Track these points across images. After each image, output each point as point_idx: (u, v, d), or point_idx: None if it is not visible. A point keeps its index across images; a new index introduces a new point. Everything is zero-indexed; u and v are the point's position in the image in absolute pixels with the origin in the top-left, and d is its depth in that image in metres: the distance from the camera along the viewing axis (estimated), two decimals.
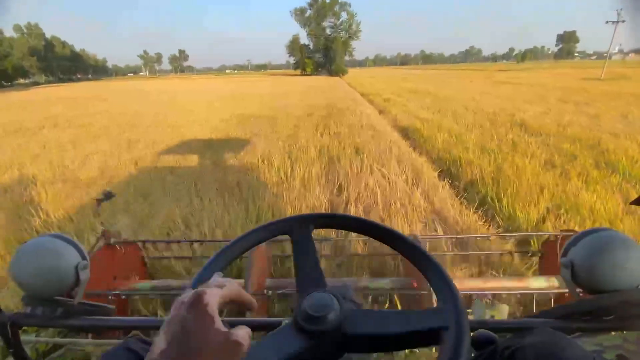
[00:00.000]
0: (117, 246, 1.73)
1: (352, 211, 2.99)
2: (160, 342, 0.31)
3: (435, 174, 4.11)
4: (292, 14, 62.98)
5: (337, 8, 61.77)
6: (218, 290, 0.36)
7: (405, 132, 6.71)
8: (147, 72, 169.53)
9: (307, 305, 0.42)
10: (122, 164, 4.89)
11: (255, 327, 0.57)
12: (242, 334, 0.34)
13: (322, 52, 60.60)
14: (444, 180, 3.88)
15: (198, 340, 0.31)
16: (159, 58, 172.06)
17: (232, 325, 0.35)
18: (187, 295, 0.35)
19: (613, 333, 0.61)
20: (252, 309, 0.41)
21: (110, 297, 1.57)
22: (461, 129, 6.80)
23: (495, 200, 3.23)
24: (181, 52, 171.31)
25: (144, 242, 2.01)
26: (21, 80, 74.78)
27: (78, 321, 0.71)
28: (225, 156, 5.01)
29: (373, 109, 10.52)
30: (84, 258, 0.71)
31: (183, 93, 20.40)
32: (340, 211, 2.99)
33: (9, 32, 73.19)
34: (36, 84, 69.83)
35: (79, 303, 0.71)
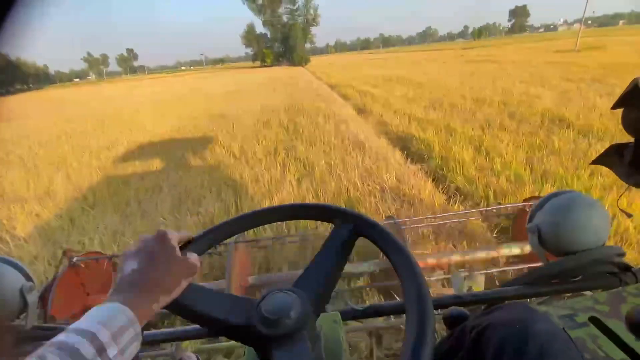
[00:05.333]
0: (81, 263, 1.68)
1: None
2: (130, 264, 0.38)
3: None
4: (244, 1, 58.63)
5: None
6: (176, 232, 0.44)
7: (408, 148, 4.52)
8: (94, 76, 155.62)
9: (265, 306, 0.41)
10: None
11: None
12: (195, 259, 0.43)
13: (281, 41, 57.25)
14: None
15: (165, 261, 0.40)
16: (104, 59, 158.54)
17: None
18: (152, 234, 0.42)
19: (585, 294, 0.58)
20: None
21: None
22: (481, 133, 4.75)
23: None
24: (129, 51, 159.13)
25: (110, 256, 1.85)
26: None
27: (32, 347, 0.51)
28: None
29: (349, 106, 8.27)
30: (29, 279, 0.68)
31: (111, 101, 16.98)
32: None
33: None
34: None
35: (32, 328, 0.67)
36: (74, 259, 1.68)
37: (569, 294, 0.62)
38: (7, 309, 0.65)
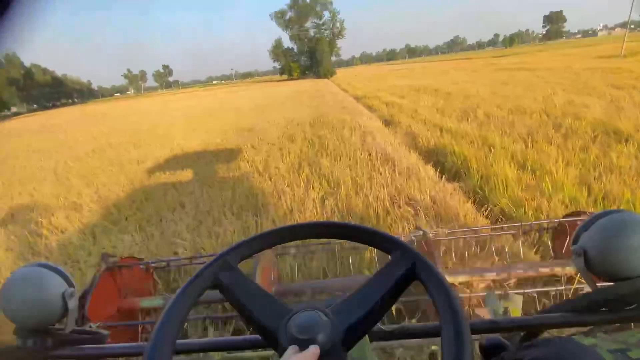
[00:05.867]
0: (116, 267, 1.74)
1: None
2: None
3: None
4: (272, 17, 60.56)
5: (318, 8, 59.53)
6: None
7: (442, 163, 4.19)
8: (133, 91, 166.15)
9: (293, 329, 0.41)
10: None
11: (243, 346, 0.61)
12: None
13: (307, 54, 58.33)
14: None
15: None
16: (142, 75, 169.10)
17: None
18: None
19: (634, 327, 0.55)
20: None
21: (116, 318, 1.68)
22: (523, 147, 4.33)
23: None
24: (165, 67, 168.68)
25: (146, 263, 1.95)
26: (6, 112, 72.35)
27: (70, 351, 0.70)
28: None
29: (376, 118, 8.03)
30: (70, 285, 0.71)
31: (147, 115, 17.77)
32: None
33: None
34: (17, 114, 68.99)
35: (71, 332, 0.70)
36: (111, 263, 1.75)
37: (617, 325, 0.57)
38: (50, 313, 0.67)
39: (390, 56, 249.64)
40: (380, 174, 3.67)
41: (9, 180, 6.15)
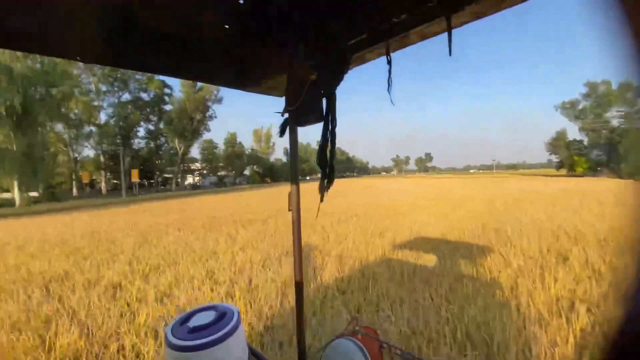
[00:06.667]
0: (359, 334, 1.80)
1: None
2: None
3: None
4: (557, 107, 53.38)
5: (630, 94, 46.36)
6: None
7: None
8: (396, 172, 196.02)
9: None
10: None
11: None
12: None
13: (602, 147, 45.80)
14: None
15: None
16: (407, 160, 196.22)
17: None
18: None
19: None
20: None
21: None
22: None
23: None
24: (427, 154, 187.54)
25: (381, 341, 1.86)
26: (313, 176, 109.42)
27: None
28: None
29: None
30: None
31: (397, 192, 19.62)
32: None
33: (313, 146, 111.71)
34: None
35: None
36: (356, 328, 1.81)
37: None
38: None
39: None
40: None
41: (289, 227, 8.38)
